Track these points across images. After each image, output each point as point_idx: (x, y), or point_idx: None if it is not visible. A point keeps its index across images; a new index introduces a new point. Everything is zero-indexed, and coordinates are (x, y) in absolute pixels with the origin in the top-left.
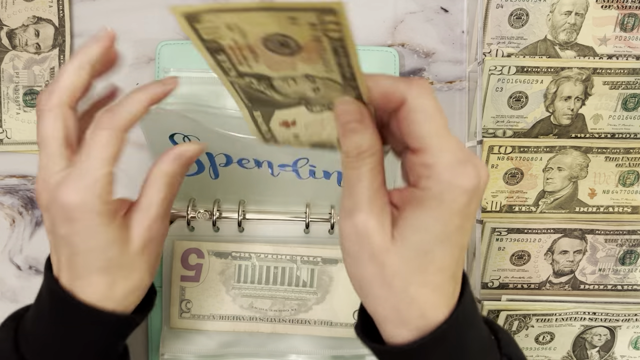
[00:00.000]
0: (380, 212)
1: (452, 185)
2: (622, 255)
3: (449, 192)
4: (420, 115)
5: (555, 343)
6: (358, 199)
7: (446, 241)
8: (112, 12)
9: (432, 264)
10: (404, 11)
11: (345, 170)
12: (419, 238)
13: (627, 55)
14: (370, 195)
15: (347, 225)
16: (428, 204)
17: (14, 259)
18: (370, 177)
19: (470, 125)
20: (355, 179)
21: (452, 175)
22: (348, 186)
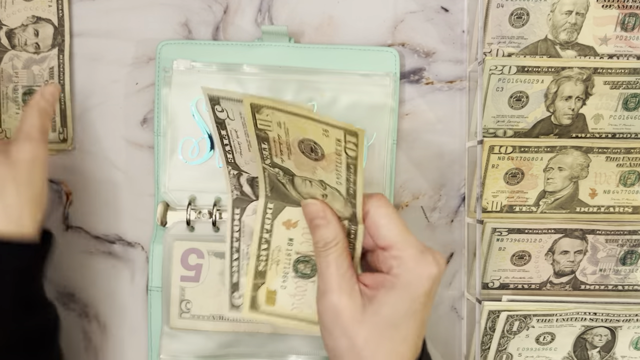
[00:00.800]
0: (350, 291)
1: (418, 273)
2: (623, 255)
3: (416, 278)
4: (383, 221)
5: (556, 343)
6: (328, 281)
7: (412, 316)
8: (112, 12)
9: (398, 335)
10: (404, 11)
11: (316, 259)
12: (390, 312)
13: (628, 55)
14: (338, 277)
15: (322, 304)
16: (399, 287)
17: None
18: (337, 263)
19: (471, 125)
20: (324, 266)
21: (417, 264)
22: (320, 272)
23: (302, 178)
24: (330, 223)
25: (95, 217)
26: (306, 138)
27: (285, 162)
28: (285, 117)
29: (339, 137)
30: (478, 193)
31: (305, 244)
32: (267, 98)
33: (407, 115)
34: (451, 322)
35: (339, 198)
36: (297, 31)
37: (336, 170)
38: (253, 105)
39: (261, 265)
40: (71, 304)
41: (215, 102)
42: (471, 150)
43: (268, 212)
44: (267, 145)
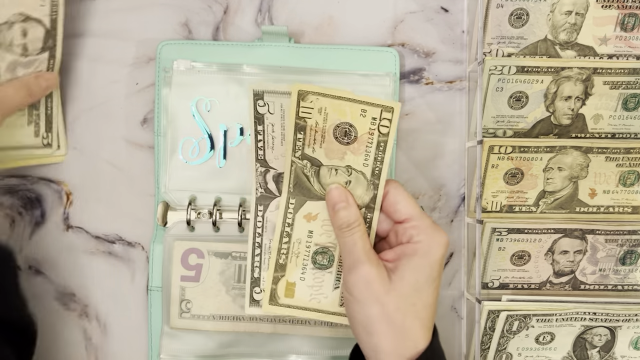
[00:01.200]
0: (377, 264)
1: (435, 239)
2: (623, 255)
3: (434, 244)
4: (400, 197)
5: (556, 343)
6: (358, 256)
7: (431, 282)
8: (112, 12)
9: (421, 300)
10: (404, 11)
11: (341, 239)
12: (414, 278)
13: (628, 55)
14: (366, 252)
15: (353, 277)
16: (420, 253)
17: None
18: (363, 240)
19: (471, 125)
20: (351, 244)
21: (434, 232)
22: (347, 249)
23: (329, 167)
24: (352, 206)
25: (95, 217)
26: (343, 122)
27: (315, 152)
28: (328, 102)
29: (375, 116)
30: (478, 193)
31: (324, 235)
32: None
33: (407, 115)
34: (451, 322)
35: (363, 182)
36: (297, 31)
37: (366, 151)
38: (301, 92)
39: (282, 259)
40: (71, 304)
41: (259, 97)
42: (471, 150)
43: (290, 207)
44: (302, 135)
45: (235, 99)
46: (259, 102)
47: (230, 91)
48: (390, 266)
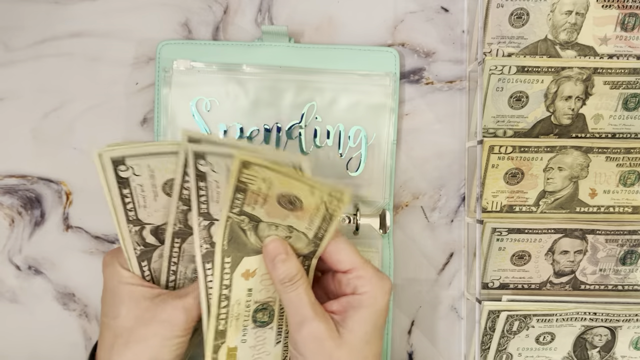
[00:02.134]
0: (325, 318)
1: (380, 288)
2: (623, 255)
3: (379, 293)
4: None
5: (556, 343)
6: (305, 312)
7: (379, 332)
8: (112, 12)
9: (371, 351)
10: (404, 11)
11: (284, 295)
12: (363, 330)
13: (628, 55)
14: (312, 306)
15: (302, 335)
16: (366, 304)
17: (13, 259)
18: (307, 294)
19: (471, 125)
20: (296, 298)
21: (378, 280)
22: (292, 305)
23: (269, 224)
24: (292, 258)
25: (95, 217)
26: (289, 193)
27: (255, 210)
28: (273, 175)
29: (324, 198)
30: (478, 193)
31: (263, 290)
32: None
33: (407, 115)
34: (451, 322)
35: (303, 240)
36: (297, 31)
37: (310, 219)
38: (244, 162)
39: (221, 325)
40: (71, 304)
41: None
42: (471, 150)
43: (226, 266)
44: (242, 195)
45: (235, 99)
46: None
47: (230, 91)
48: (337, 318)
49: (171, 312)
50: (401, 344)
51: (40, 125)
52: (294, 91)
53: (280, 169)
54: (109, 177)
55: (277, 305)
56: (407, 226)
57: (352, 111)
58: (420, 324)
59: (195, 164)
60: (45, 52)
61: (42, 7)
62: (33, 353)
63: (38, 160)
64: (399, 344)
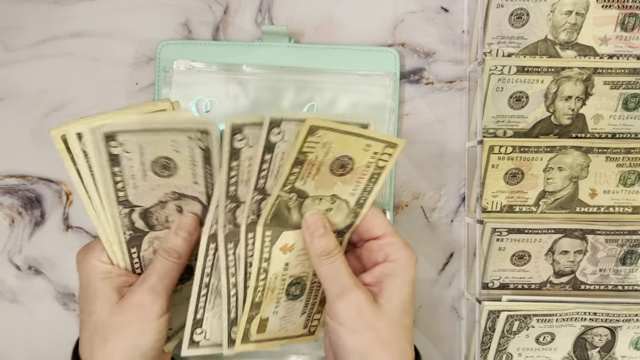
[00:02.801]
0: (363, 289)
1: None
2: (623, 255)
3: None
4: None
5: (556, 343)
6: (344, 282)
7: (412, 302)
8: (112, 12)
9: (408, 321)
10: (404, 11)
11: (321, 268)
12: (400, 299)
13: (628, 55)
14: (352, 277)
15: (343, 304)
16: (400, 271)
17: (13, 259)
18: (345, 267)
19: (471, 125)
20: (334, 271)
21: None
22: (330, 277)
23: (314, 198)
24: (330, 233)
25: None
26: (343, 154)
27: (306, 184)
28: (335, 137)
29: (377, 150)
30: (478, 193)
31: (299, 265)
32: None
33: (407, 115)
34: (451, 322)
35: (344, 210)
36: (297, 31)
37: (357, 181)
38: (312, 127)
39: (258, 297)
40: (71, 304)
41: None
42: (471, 150)
43: (266, 240)
44: (298, 169)
45: (235, 99)
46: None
47: (230, 91)
48: (374, 290)
49: (139, 296)
50: None
51: (41, 125)
52: (294, 91)
53: (344, 127)
54: (101, 153)
55: (310, 280)
56: (407, 226)
57: (352, 111)
58: (420, 324)
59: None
60: (46, 52)
61: (42, 7)
62: (33, 353)
63: (38, 160)
64: None
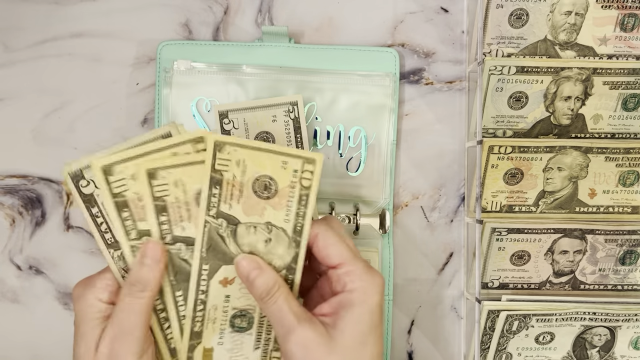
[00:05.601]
0: (311, 324)
1: (371, 283)
2: (622, 255)
3: (370, 289)
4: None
5: (556, 343)
6: (288, 322)
7: (374, 331)
8: (112, 12)
9: (366, 353)
10: (404, 11)
11: (266, 310)
12: (356, 331)
13: (627, 55)
14: (295, 314)
15: (288, 345)
16: (357, 302)
17: (14, 259)
18: (287, 304)
19: (470, 125)
20: (277, 310)
21: (368, 275)
22: (275, 319)
23: (247, 225)
24: (266, 270)
25: None
26: (263, 175)
27: (232, 209)
28: (246, 154)
29: (296, 168)
30: (477, 193)
31: (242, 298)
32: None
33: (407, 116)
34: (451, 322)
35: (284, 239)
36: (297, 31)
37: (287, 205)
38: (217, 142)
39: (197, 326)
40: (72, 304)
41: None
42: (471, 151)
43: (203, 273)
44: (218, 189)
45: (235, 99)
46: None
47: (230, 91)
48: (328, 321)
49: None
50: (401, 343)
51: (41, 126)
52: (294, 91)
53: (251, 143)
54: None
55: (257, 313)
56: (407, 226)
57: (352, 111)
58: (420, 324)
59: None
60: (46, 52)
61: (43, 7)
62: (33, 353)
63: (39, 161)
64: (398, 343)
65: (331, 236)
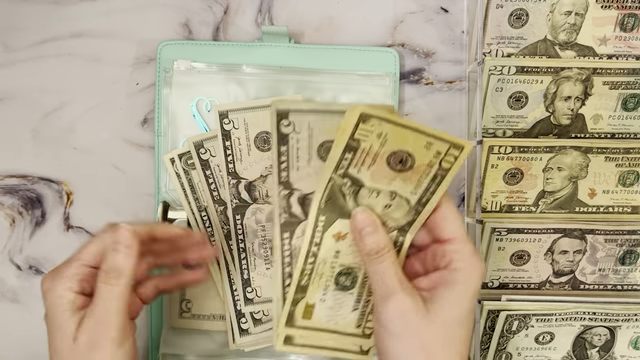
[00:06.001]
0: (412, 293)
1: (476, 268)
2: (622, 255)
3: (474, 273)
4: (451, 216)
5: (555, 343)
6: (390, 285)
7: (470, 316)
8: (112, 13)
9: (461, 335)
10: (404, 11)
11: (371, 267)
12: (456, 311)
13: (627, 55)
14: (399, 280)
15: (386, 308)
16: (460, 282)
17: (14, 259)
18: (394, 267)
19: (470, 125)
20: (382, 271)
21: (475, 260)
22: (377, 278)
23: (370, 189)
24: (380, 231)
25: (96, 217)
26: (401, 149)
27: (360, 173)
28: (390, 129)
29: (441, 150)
30: (477, 193)
31: (350, 255)
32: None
33: (407, 116)
34: None
35: (404, 207)
36: (297, 31)
37: (418, 181)
38: (363, 114)
39: (304, 280)
40: None
41: (282, 116)
42: (471, 151)
43: (319, 224)
44: (351, 155)
45: (235, 99)
46: (282, 122)
47: (230, 91)
48: (426, 295)
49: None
50: None
51: (41, 125)
52: (294, 91)
53: (400, 120)
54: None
55: (362, 273)
56: None
57: None
58: None
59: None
60: (46, 52)
61: (43, 8)
62: (33, 353)
63: (39, 160)
64: None
65: (453, 211)
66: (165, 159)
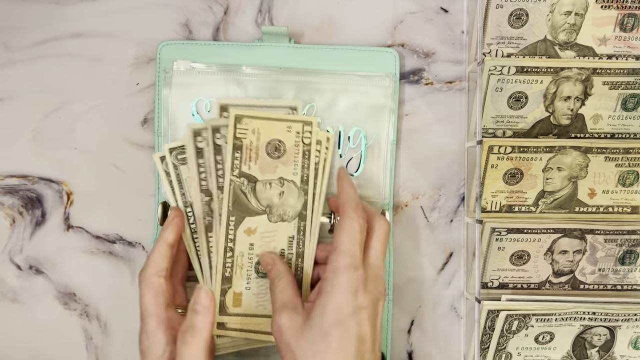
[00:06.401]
0: (291, 311)
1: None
2: (622, 255)
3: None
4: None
5: (555, 343)
6: (275, 306)
7: (340, 326)
8: (112, 13)
9: (329, 344)
10: (404, 11)
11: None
12: (319, 321)
13: (627, 55)
14: (282, 303)
15: (272, 324)
16: (324, 292)
17: (14, 259)
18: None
19: (470, 125)
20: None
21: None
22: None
23: (263, 182)
24: (276, 264)
25: (96, 217)
26: (273, 139)
27: (251, 169)
28: (259, 123)
29: (298, 130)
30: (477, 193)
31: (264, 246)
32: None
33: (407, 116)
34: (450, 322)
35: (294, 191)
36: (297, 32)
37: (294, 161)
38: (237, 116)
39: (227, 272)
40: (72, 304)
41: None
42: (470, 151)
43: (231, 223)
44: (239, 154)
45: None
46: (197, 139)
47: (230, 92)
48: (308, 307)
49: None
50: (401, 343)
51: (41, 126)
52: (293, 92)
53: (262, 114)
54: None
55: None
56: (407, 226)
57: (352, 112)
58: (419, 324)
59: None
60: (46, 52)
61: (43, 7)
62: (33, 353)
63: (39, 161)
64: (398, 343)
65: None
66: (155, 157)
